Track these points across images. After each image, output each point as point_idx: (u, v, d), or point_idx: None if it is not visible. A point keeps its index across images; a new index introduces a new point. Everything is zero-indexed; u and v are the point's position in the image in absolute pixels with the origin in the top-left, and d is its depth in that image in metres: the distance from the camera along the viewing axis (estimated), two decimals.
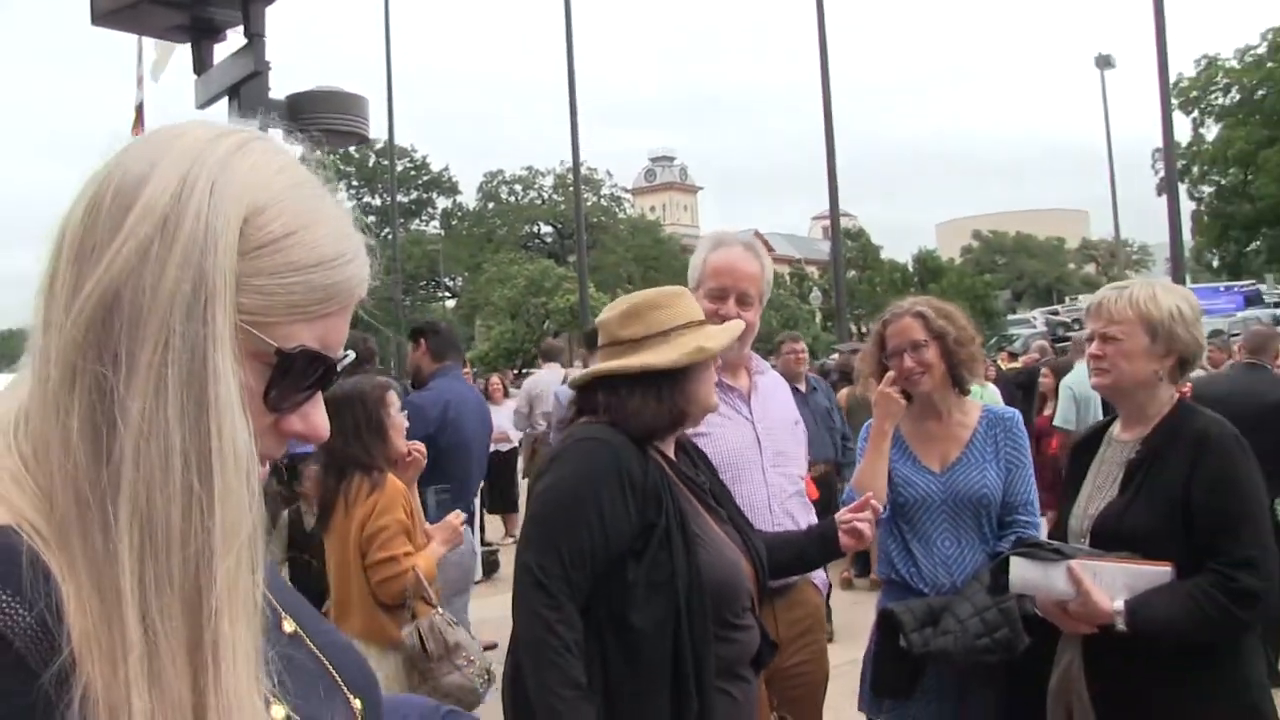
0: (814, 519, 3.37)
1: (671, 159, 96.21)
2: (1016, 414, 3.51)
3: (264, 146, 0.96)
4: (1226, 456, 2.65)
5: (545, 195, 67.87)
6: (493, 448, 9.99)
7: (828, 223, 29.95)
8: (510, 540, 12.04)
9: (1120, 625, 2.59)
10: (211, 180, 0.89)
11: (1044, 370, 10.65)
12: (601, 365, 2.55)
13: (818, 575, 3.32)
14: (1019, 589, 2.82)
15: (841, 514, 2.92)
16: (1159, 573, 2.60)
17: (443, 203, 69.73)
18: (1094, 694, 2.73)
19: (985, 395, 9.09)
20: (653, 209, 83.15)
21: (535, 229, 69.50)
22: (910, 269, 54.18)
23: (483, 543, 9.27)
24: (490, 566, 9.84)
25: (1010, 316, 50.00)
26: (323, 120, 5.69)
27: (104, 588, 0.80)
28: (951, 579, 3.26)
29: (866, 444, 3.40)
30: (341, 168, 61.28)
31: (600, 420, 2.50)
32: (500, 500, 11.96)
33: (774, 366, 8.54)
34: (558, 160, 67.35)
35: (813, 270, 67.61)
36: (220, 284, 0.87)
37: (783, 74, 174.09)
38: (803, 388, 7.74)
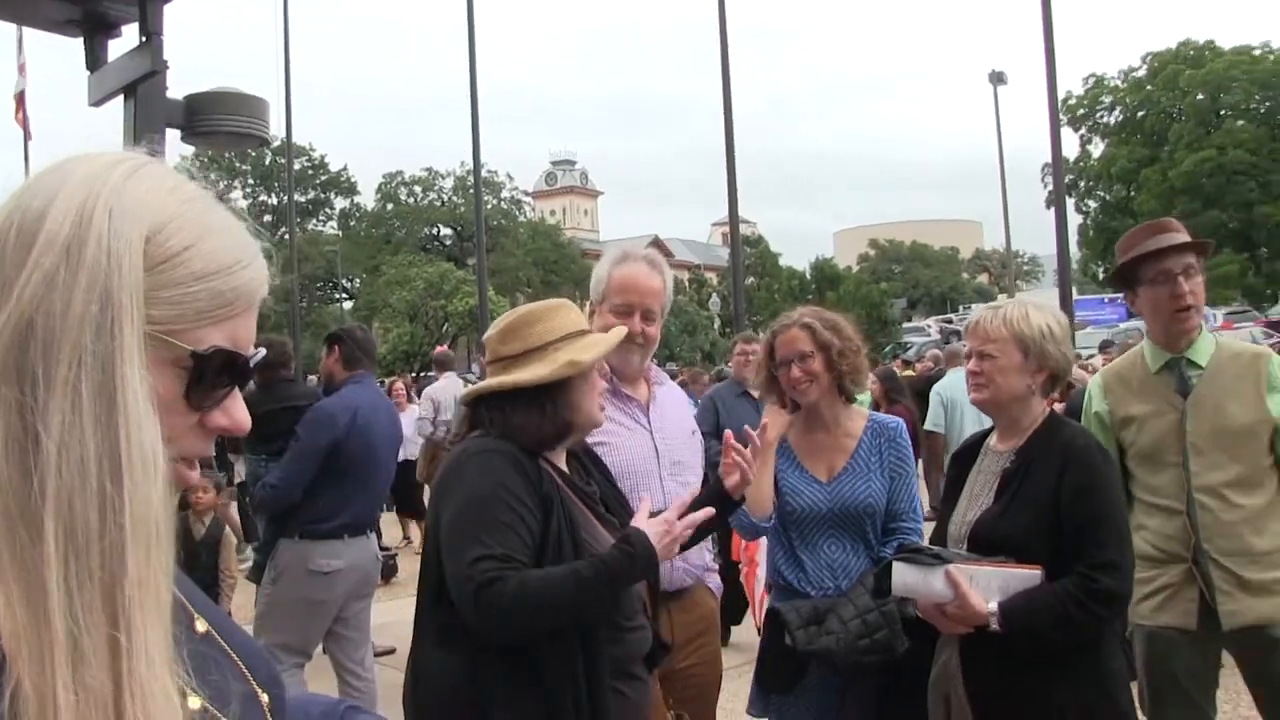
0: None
1: (573, 163, 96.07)
2: (900, 423, 3.64)
3: (155, 169, 1.02)
4: (1091, 467, 2.82)
5: (445, 197, 67.33)
6: (402, 455, 9.97)
7: (728, 229, 30.27)
8: (407, 543, 11.99)
9: (994, 625, 2.74)
10: (109, 207, 0.95)
11: (873, 378, 11.19)
12: (485, 382, 2.64)
13: (713, 580, 3.41)
14: (900, 592, 2.94)
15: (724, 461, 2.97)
16: (1030, 575, 2.75)
17: (341, 203, 68.74)
18: (970, 690, 2.87)
19: (864, 402, 9.51)
20: (553, 213, 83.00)
21: (434, 231, 68.93)
22: (808, 276, 54.85)
23: (381, 548, 9.22)
24: (389, 570, 9.82)
25: (905, 324, 50.99)
26: (222, 122, 5.64)
27: (32, 588, 0.85)
28: (836, 584, 3.37)
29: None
30: (237, 165, 60.10)
31: (491, 433, 2.56)
32: (401, 504, 11.92)
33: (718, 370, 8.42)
34: (458, 162, 67.00)
35: (712, 276, 68.13)
36: (126, 302, 0.93)
37: (687, 81, 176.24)
38: (756, 393, 7.63)
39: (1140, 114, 58.84)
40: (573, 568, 2.38)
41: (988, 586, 2.76)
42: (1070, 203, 53.82)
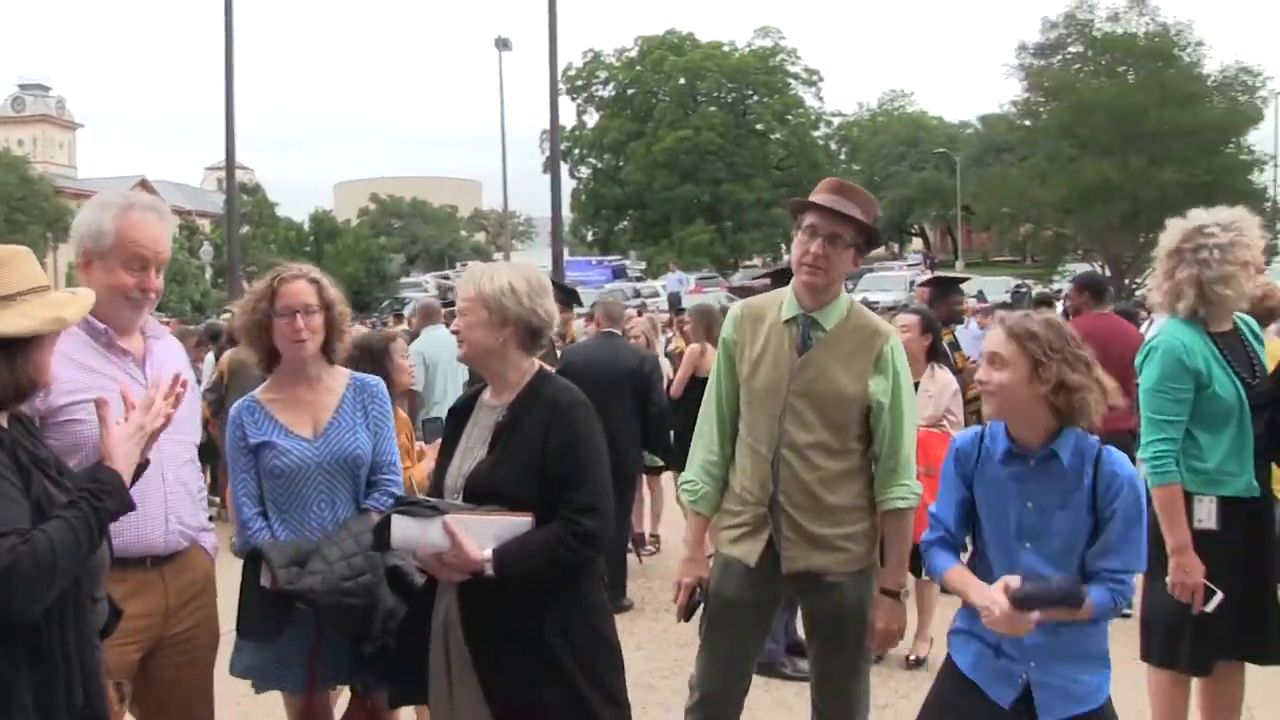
0: (202, 490, 3.38)
1: (46, 89, 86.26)
2: (381, 381, 3.77)
3: None
4: (573, 421, 3.06)
5: None
6: None
7: (223, 174, 28.73)
8: None
9: (489, 571, 2.91)
10: None
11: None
12: None
13: (207, 540, 3.33)
14: (400, 545, 3.03)
15: None
16: (521, 522, 2.96)
17: None
18: (468, 632, 3.03)
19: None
20: (21, 143, 74.14)
21: None
22: (306, 228, 53.37)
23: None
24: None
25: (403, 280, 51.14)
26: None
27: None
28: None
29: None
30: None
31: None
32: None
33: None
34: None
35: (204, 223, 64.42)
36: None
37: (186, 12, 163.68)
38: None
39: (630, 91, 63.14)
40: (60, 515, 2.25)
41: (482, 535, 2.92)
42: (565, 168, 56.58)
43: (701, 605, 3.67)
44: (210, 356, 10.48)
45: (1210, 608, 3.60)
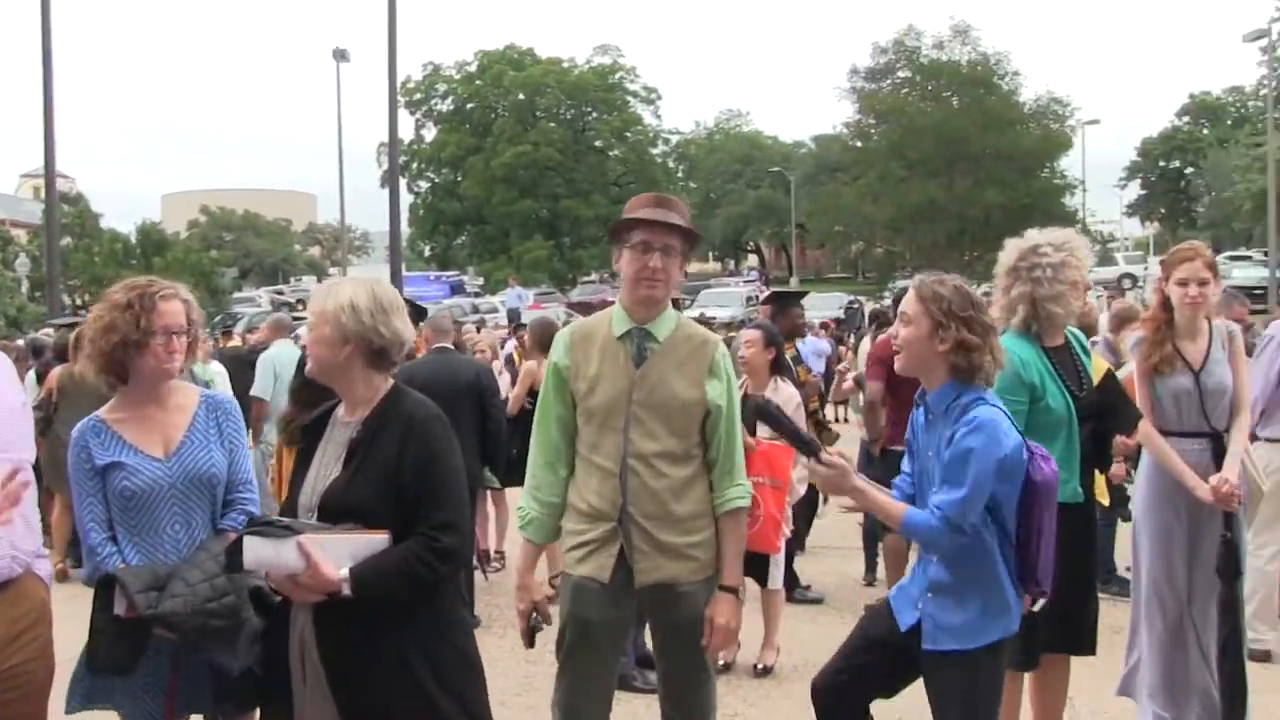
0: (35, 514, 3.24)
1: None
2: (233, 399, 3.69)
3: None
4: (430, 437, 3.04)
5: None
6: None
7: (39, 182, 27.31)
8: None
9: (346, 591, 2.86)
10: None
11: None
12: None
13: (43, 567, 3.19)
14: (253, 566, 2.95)
15: None
16: (377, 540, 2.91)
17: None
18: (324, 653, 2.97)
19: (208, 372, 9.30)
20: None
21: None
22: (133, 240, 51.29)
23: None
24: None
25: (236, 294, 49.78)
26: None
27: None
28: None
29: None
30: None
31: None
32: None
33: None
34: None
35: (20, 234, 61.15)
36: None
37: None
38: None
39: (470, 105, 62.95)
40: None
41: (338, 554, 2.87)
42: (403, 183, 56.00)
43: (545, 628, 3.69)
44: (31, 374, 9.94)
45: (1037, 608, 3.78)
